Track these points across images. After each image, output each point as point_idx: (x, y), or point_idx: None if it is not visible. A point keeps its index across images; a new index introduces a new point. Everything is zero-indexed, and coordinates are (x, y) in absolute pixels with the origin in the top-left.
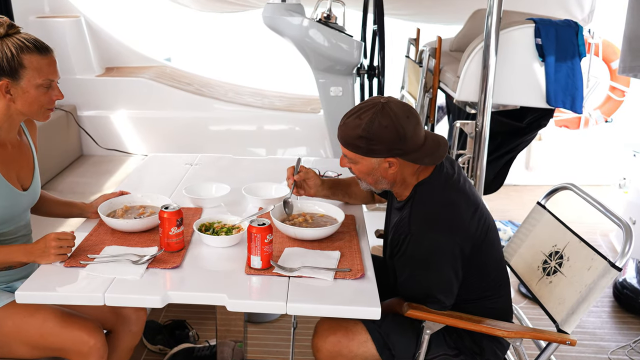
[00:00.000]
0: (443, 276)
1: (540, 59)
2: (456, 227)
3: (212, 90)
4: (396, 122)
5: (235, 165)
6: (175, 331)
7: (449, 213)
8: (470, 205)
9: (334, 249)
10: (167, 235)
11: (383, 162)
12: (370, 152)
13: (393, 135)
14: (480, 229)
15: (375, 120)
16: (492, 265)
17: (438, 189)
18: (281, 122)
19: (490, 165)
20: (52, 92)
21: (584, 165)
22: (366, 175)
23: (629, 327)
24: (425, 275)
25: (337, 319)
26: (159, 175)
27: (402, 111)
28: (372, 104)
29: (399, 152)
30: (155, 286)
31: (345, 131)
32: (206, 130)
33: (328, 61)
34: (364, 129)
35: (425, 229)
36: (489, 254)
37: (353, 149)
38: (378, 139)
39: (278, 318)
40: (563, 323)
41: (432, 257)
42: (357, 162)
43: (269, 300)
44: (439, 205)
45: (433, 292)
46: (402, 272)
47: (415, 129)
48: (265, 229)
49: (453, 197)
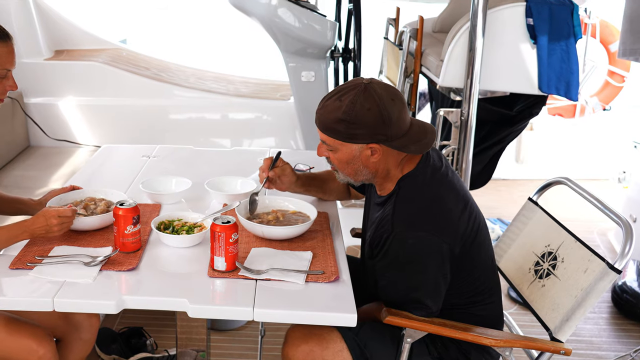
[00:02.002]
0: (429, 279)
1: (531, 41)
2: (444, 225)
3: (172, 75)
4: (380, 105)
5: (197, 157)
6: (131, 339)
7: (437, 209)
8: (460, 201)
9: (306, 250)
10: (123, 234)
11: (365, 149)
12: (351, 138)
13: (376, 119)
14: (471, 228)
15: (357, 102)
16: (483, 267)
17: (424, 183)
18: (247, 110)
19: (477, 158)
20: (7, 82)
21: (579, 157)
22: (346, 164)
23: (629, 335)
24: (409, 278)
25: (311, 326)
26: (114, 168)
27: (386, 93)
28: (354, 85)
29: (383, 138)
30: (109, 290)
31: (323, 114)
32: (165, 119)
33: (299, 43)
34: (344, 112)
35: (410, 227)
36: (479, 255)
37: (332, 134)
38: (360, 122)
39: (244, 325)
40: (557, 331)
41: (418, 258)
42: (336, 150)
43: (234, 305)
44: (425, 201)
45: (418, 297)
46: (383, 274)
47: (400, 113)
48: (230, 227)
49: (441, 192)
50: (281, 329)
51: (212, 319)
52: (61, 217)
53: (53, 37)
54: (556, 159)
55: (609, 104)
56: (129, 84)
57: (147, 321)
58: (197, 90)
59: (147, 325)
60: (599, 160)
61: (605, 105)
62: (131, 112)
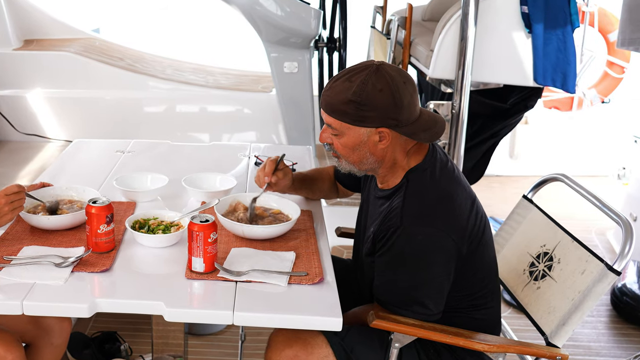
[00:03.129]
0: (433, 278)
1: (526, 30)
2: (454, 223)
3: (147, 66)
4: (392, 87)
5: (174, 152)
6: (104, 345)
7: (447, 206)
8: (467, 197)
9: (288, 250)
10: (96, 233)
11: (373, 134)
12: (361, 120)
13: (388, 101)
14: (477, 227)
15: (368, 83)
16: (487, 269)
17: (433, 178)
18: (227, 102)
19: (469, 153)
20: None
21: (576, 152)
22: (351, 150)
23: (629, 339)
24: (412, 275)
25: (295, 330)
26: (86, 164)
27: (399, 76)
28: (365, 66)
29: (393, 123)
30: (81, 293)
31: (331, 95)
32: (140, 112)
33: (281, 32)
34: (354, 92)
35: (419, 221)
36: (483, 256)
37: (340, 116)
38: (371, 104)
39: (224, 329)
40: (553, 335)
41: (424, 255)
42: (342, 134)
43: (213, 308)
44: (436, 196)
45: (419, 297)
46: (383, 271)
47: (412, 97)
48: (208, 226)
49: (450, 189)
50: (263, 334)
51: (190, 323)
52: (8, 195)
53: (22, 26)
54: (552, 154)
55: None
56: (102, 75)
57: (122, 325)
58: (174, 81)
59: (122, 330)
60: (597, 156)
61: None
62: (104, 105)
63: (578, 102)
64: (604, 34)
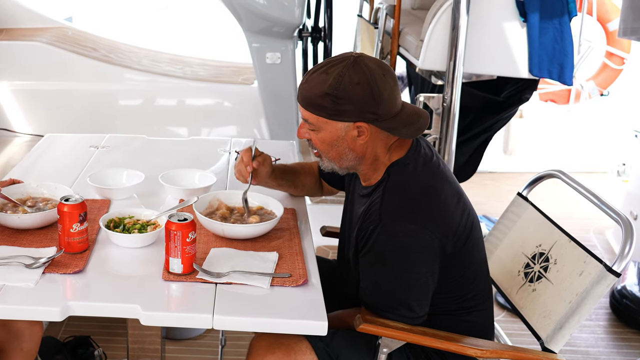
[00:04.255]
0: (418, 279)
1: (521, 19)
2: (437, 219)
3: (122, 56)
4: (370, 79)
5: (150, 147)
6: (77, 350)
7: (429, 201)
8: (453, 193)
9: (271, 250)
10: (68, 233)
11: (351, 129)
12: (337, 115)
13: (366, 94)
14: (464, 224)
15: (345, 75)
16: (476, 269)
17: (416, 172)
18: (206, 95)
19: (461, 148)
20: None
21: (574, 148)
22: (329, 146)
23: (629, 344)
24: (395, 276)
25: (277, 335)
26: (58, 160)
27: (378, 68)
28: (342, 58)
29: (371, 117)
30: (53, 295)
31: (307, 89)
32: (115, 105)
33: (263, 21)
34: (331, 85)
35: (399, 218)
36: (472, 255)
37: (316, 110)
38: (348, 97)
39: (203, 334)
40: (549, 340)
41: (406, 254)
42: (319, 129)
43: (191, 312)
44: (417, 191)
45: (405, 299)
46: (366, 272)
47: (392, 91)
48: (186, 225)
49: (433, 183)
50: (244, 338)
51: (167, 327)
52: None
53: None
54: (548, 149)
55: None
56: (74, 66)
57: (95, 329)
58: (150, 73)
59: (95, 334)
60: (596, 151)
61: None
62: (77, 98)
63: (575, 94)
64: (603, 23)
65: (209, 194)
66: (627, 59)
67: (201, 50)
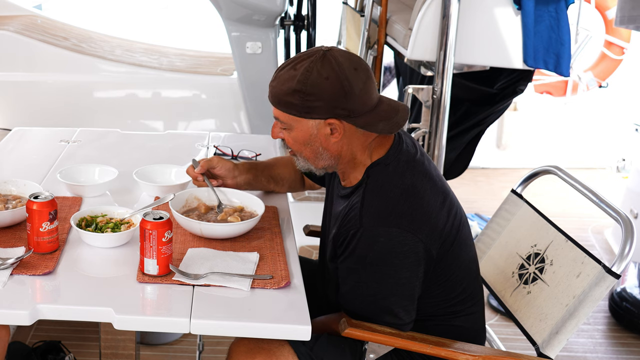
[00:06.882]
0: (402, 284)
1: (515, 6)
2: (421, 221)
3: (95, 46)
4: (340, 74)
5: (124, 142)
6: (47, 355)
7: (412, 202)
8: (438, 193)
9: (252, 250)
10: (37, 232)
11: (323, 127)
12: (307, 111)
13: (335, 89)
14: (451, 225)
15: (313, 70)
16: (464, 272)
17: (397, 171)
18: (183, 87)
19: (452, 143)
20: None
21: (571, 142)
22: (303, 145)
23: (629, 349)
24: (378, 282)
25: (258, 340)
26: (27, 155)
27: (348, 62)
28: (311, 53)
29: (343, 113)
30: (21, 298)
31: (276, 86)
32: (87, 97)
33: (243, 9)
34: (299, 81)
35: (380, 221)
36: (459, 257)
37: (286, 108)
38: (317, 93)
39: (179, 338)
40: (545, 345)
41: (389, 259)
42: (291, 128)
43: (167, 315)
44: (398, 192)
45: (388, 306)
46: (346, 278)
47: (365, 85)
48: (162, 224)
49: (416, 182)
50: (223, 343)
51: (142, 331)
52: None
53: None
54: (544, 144)
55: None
56: (44, 56)
57: (66, 334)
58: (124, 64)
59: (66, 339)
60: (594, 146)
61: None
62: (47, 90)
63: (573, 86)
64: (601, 11)
65: (185, 191)
66: (627, 49)
67: (155, 30)
